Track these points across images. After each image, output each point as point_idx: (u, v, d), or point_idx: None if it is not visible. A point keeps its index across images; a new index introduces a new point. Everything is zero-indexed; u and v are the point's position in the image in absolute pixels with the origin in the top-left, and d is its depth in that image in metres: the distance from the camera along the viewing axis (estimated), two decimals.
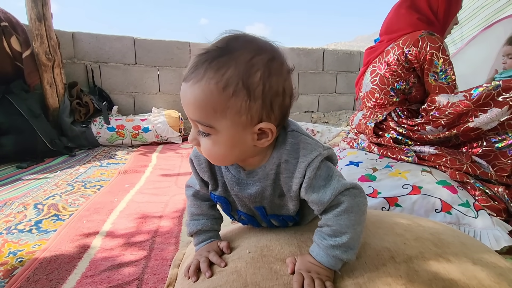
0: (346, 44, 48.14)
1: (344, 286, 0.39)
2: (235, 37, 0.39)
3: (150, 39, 2.59)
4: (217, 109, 0.37)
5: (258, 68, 0.37)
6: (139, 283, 0.66)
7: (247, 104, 0.37)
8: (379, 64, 1.18)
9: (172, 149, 2.06)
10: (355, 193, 0.41)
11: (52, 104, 2.03)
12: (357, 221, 0.40)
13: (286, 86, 0.40)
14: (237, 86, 0.36)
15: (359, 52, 3.49)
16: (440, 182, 0.91)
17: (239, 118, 0.38)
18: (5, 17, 1.84)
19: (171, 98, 2.73)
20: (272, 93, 0.38)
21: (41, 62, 1.95)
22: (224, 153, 0.40)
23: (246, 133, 0.39)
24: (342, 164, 1.16)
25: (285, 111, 0.41)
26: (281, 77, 0.39)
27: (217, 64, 0.36)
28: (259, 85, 0.37)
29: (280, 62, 0.39)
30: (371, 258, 0.43)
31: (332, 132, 2.17)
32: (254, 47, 0.38)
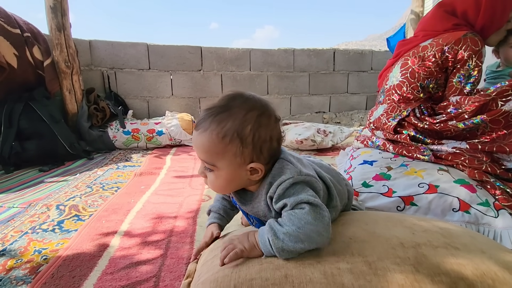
0: (358, 43, 47.60)
1: (354, 262, 0.41)
2: (234, 97, 0.51)
3: (163, 45, 2.66)
4: (218, 152, 0.49)
5: (249, 123, 0.48)
6: (156, 280, 0.68)
7: (241, 149, 0.48)
8: (412, 58, 1.16)
9: (185, 152, 2.10)
10: (318, 207, 0.46)
11: (71, 109, 2.12)
12: (302, 227, 0.44)
13: (273, 134, 0.51)
14: (233, 136, 0.48)
15: (370, 52, 3.45)
16: (458, 181, 0.89)
17: (234, 159, 0.49)
18: (27, 28, 1.94)
19: (183, 102, 2.79)
20: (261, 140, 0.49)
21: (60, 69, 2.04)
22: (224, 185, 0.52)
23: (241, 170, 0.50)
24: (356, 163, 1.15)
25: (273, 152, 0.52)
26: (268, 128, 0.50)
27: (218, 119, 0.48)
28: (249, 135, 0.48)
29: (267, 115, 0.51)
30: (380, 242, 0.45)
31: (344, 132, 2.15)
32: (248, 105, 0.50)
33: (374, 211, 0.65)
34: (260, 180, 0.53)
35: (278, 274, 0.41)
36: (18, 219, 1.01)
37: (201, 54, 2.78)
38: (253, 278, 0.41)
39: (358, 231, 0.49)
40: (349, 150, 1.50)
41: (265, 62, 3.02)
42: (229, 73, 2.91)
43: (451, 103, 1.04)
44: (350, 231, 0.50)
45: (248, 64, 2.97)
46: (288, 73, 3.13)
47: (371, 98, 3.54)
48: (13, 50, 1.81)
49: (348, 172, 1.12)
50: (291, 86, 3.18)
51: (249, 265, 0.44)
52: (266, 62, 3.02)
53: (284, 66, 3.10)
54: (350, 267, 0.40)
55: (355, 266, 0.40)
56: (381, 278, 0.38)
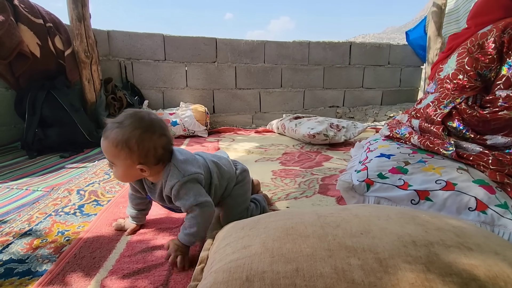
0: (375, 36, 46.09)
1: (365, 258, 0.42)
2: (130, 116, 0.69)
3: (178, 36, 2.68)
4: (113, 155, 0.69)
5: (134, 137, 0.67)
6: (170, 266, 0.71)
7: (129, 155, 0.68)
8: (470, 46, 1.11)
9: (198, 142, 2.13)
10: (204, 205, 0.71)
11: (90, 98, 2.18)
12: (201, 222, 0.71)
13: (157, 145, 0.70)
14: (123, 145, 0.67)
15: (388, 45, 3.35)
16: (477, 181, 0.87)
17: (125, 161, 0.69)
18: (49, 18, 1.99)
19: (197, 93, 2.82)
20: (145, 150, 0.69)
21: (80, 59, 2.10)
22: (122, 177, 0.74)
23: (132, 169, 0.71)
24: (373, 155, 1.14)
25: (160, 157, 0.72)
26: (151, 141, 0.69)
27: (115, 132, 0.67)
28: (134, 145, 0.67)
29: (151, 132, 0.69)
30: (392, 239, 0.45)
31: (357, 128, 2.12)
32: (136, 124, 0.68)
33: (387, 206, 0.65)
34: (158, 174, 0.74)
35: (290, 268, 0.42)
36: (42, 202, 1.07)
37: (216, 45, 2.78)
38: (265, 271, 0.42)
39: (370, 226, 0.49)
40: (365, 143, 1.49)
41: (280, 55, 2.99)
42: (243, 65, 2.90)
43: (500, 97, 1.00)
44: (362, 225, 0.50)
45: (263, 57, 2.95)
46: (302, 66, 3.10)
47: (387, 93, 3.46)
48: (36, 39, 1.87)
49: (364, 163, 1.11)
50: (305, 80, 3.15)
51: (261, 257, 0.45)
52: (281, 54, 3.00)
53: (298, 59, 3.06)
54: (361, 263, 0.41)
55: (366, 262, 0.41)
56: (391, 276, 0.39)
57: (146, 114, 0.71)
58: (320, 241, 0.46)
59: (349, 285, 0.38)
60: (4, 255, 0.75)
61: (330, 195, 1.14)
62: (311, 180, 1.32)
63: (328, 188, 1.22)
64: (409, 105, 3.37)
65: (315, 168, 1.51)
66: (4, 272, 0.68)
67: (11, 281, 0.66)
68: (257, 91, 3.02)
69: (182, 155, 0.76)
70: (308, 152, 1.84)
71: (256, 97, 3.03)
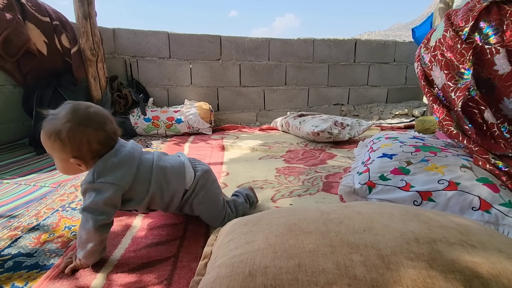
0: (381, 33, 45.52)
1: (367, 254, 0.42)
2: (65, 108, 0.66)
3: (183, 34, 2.68)
4: (48, 147, 0.67)
5: (66, 130, 0.64)
6: (175, 260, 0.72)
7: (62, 148, 0.66)
8: None
9: (203, 140, 2.15)
10: (86, 219, 0.66)
11: (96, 96, 2.20)
12: (80, 234, 0.67)
13: (91, 139, 0.67)
14: (55, 138, 0.65)
15: (394, 43, 3.32)
16: (481, 179, 0.86)
17: (59, 154, 0.67)
18: (56, 16, 2.01)
19: (202, 91, 2.82)
20: (77, 144, 0.66)
21: (86, 57, 2.12)
22: (62, 170, 0.71)
23: (68, 163, 0.68)
24: (375, 156, 1.14)
25: (96, 152, 0.69)
26: (84, 134, 0.66)
27: (49, 124, 0.66)
28: (65, 138, 0.65)
29: (84, 125, 0.66)
30: (395, 236, 0.45)
31: (362, 126, 2.11)
32: (69, 117, 0.65)
33: (390, 203, 0.65)
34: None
35: (292, 263, 0.43)
36: (49, 197, 1.09)
37: (220, 43, 2.78)
38: (267, 266, 0.43)
39: (373, 223, 0.49)
40: (369, 142, 1.48)
41: (284, 52, 2.98)
42: (248, 63, 2.90)
43: None
44: (365, 222, 0.50)
45: (267, 54, 2.94)
46: (307, 64, 3.09)
47: (392, 91, 3.43)
48: (43, 37, 1.90)
49: (366, 164, 1.11)
50: (310, 77, 3.13)
51: (264, 252, 0.46)
52: (285, 52, 2.99)
53: (303, 57, 3.05)
54: (363, 259, 0.41)
55: (368, 258, 0.41)
56: (393, 272, 0.39)
57: (83, 107, 0.68)
58: (322, 238, 0.47)
59: (351, 280, 0.38)
60: (13, 249, 0.77)
61: (334, 193, 1.14)
62: (314, 178, 1.32)
63: (332, 185, 1.22)
64: (414, 103, 3.34)
65: (319, 166, 1.51)
66: (13, 265, 0.70)
67: (20, 274, 0.67)
68: (261, 89, 3.02)
69: (117, 157, 0.70)
70: (312, 150, 1.84)
71: (261, 95, 3.03)
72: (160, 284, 0.64)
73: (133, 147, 0.76)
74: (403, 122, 2.88)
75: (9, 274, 0.67)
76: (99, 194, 0.66)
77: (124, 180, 0.69)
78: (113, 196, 0.68)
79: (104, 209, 0.67)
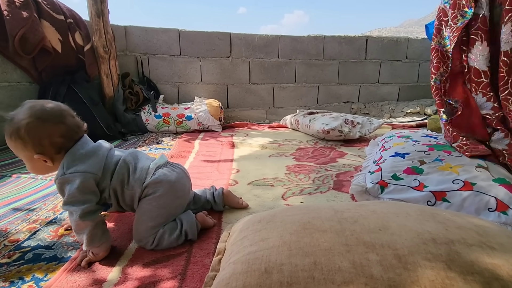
0: (392, 29, 44.61)
1: (384, 254, 0.42)
2: (23, 106, 0.68)
3: (193, 31, 2.70)
4: (12, 147, 0.68)
5: (22, 127, 0.65)
6: (188, 256, 0.73)
7: (24, 146, 0.67)
8: None
9: (212, 137, 2.16)
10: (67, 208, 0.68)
11: (108, 93, 2.24)
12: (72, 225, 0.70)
13: (53, 133, 0.68)
14: (15, 136, 0.66)
15: (406, 39, 3.25)
16: (498, 180, 0.85)
17: (23, 152, 0.68)
18: (70, 14, 2.05)
19: (212, 88, 2.84)
20: (37, 139, 0.66)
21: (99, 54, 2.15)
22: (32, 170, 0.72)
23: (34, 161, 0.69)
24: (387, 155, 1.13)
25: (60, 147, 0.70)
26: (43, 129, 0.67)
27: (8, 124, 0.67)
28: (25, 136, 0.66)
29: (42, 120, 0.67)
30: (411, 236, 0.45)
31: (373, 124, 2.09)
32: (25, 114, 0.66)
33: (405, 203, 0.64)
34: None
35: (307, 261, 0.43)
36: None
37: (230, 40, 2.78)
38: (283, 263, 0.43)
39: (389, 223, 0.49)
40: (380, 141, 1.46)
41: (294, 50, 2.96)
42: (257, 60, 2.90)
43: None
44: (380, 222, 0.50)
45: (277, 51, 2.93)
46: (317, 61, 3.06)
47: (403, 89, 3.38)
48: (57, 35, 1.93)
49: (378, 163, 1.10)
50: (320, 75, 3.11)
51: (279, 250, 0.46)
52: (295, 49, 2.97)
53: (313, 54, 3.02)
54: (380, 259, 0.41)
55: (384, 258, 0.41)
56: (411, 272, 0.39)
57: (39, 104, 0.69)
58: (337, 236, 0.47)
59: (368, 280, 0.38)
60: (32, 241, 0.79)
61: (345, 192, 1.14)
62: (325, 176, 1.31)
63: (343, 184, 1.21)
64: (427, 101, 3.28)
65: (329, 164, 1.50)
66: (32, 257, 0.72)
67: (39, 265, 0.70)
68: (270, 86, 3.01)
69: (84, 149, 0.71)
70: (322, 148, 1.83)
71: (270, 92, 3.03)
72: (174, 278, 0.65)
73: (100, 143, 0.78)
74: (415, 120, 2.83)
75: (29, 265, 0.70)
76: (73, 185, 0.67)
77: (95, 167, 0.71)
78: (87, 183, 0.69)
79: (83, 198, 0.68)
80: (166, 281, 0.64)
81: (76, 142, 0.72)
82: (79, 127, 0.74)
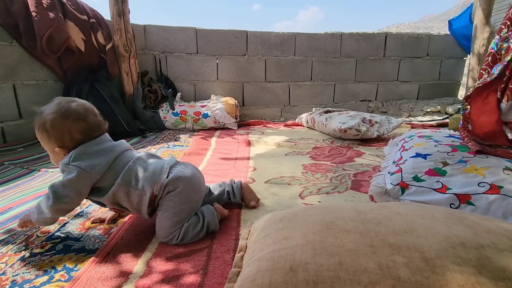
0: (411, 25, 43.08)
1: (411, 257, 0.41)
2: (52, 102, 0.74)
3: (210, 29, 2.72)
4: (39, 139, 0.76)
5: (48, 122, 0.72)
6: (209, 251, 0.75)
7: (48, 138, 0.74)
8: None
9: (229, 135, 2.18)
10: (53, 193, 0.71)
11: (128, 91, 2.30)
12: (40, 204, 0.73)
13: (72, 129, 0.73)
14: (42, 129, 0.73)
15: (427, 36, 3.15)
16: None
17: (47, 144, 0.75)
18: (93, 14, 2.12)
19: (228, 86, 2.86)
20: (59, 133, 0.73)
21: (120, 53, 2.21)
22: (53, 160, 0.78)
23: (55, 152, 0.75)
24: (407, 155, 1.10)
25: (78, 142, 0.74)
26: (64, 125, 0.73)
27: (37, 118, 0.74)
28: (50, 130, 0.73)
29: (65, 117, 0.73)
30: (439, 239, 0.44)
31: (392, 123, 2.04)
32: (52, 110, 0.73)
33: (430, 205, 0.63)
34: None
35: (332, 261, 0.43)
36: None
37: (246, 38, 2.79)
38: (308, 262, 0.43)
39: (414, 225, 0.48)
40: (399, 141, 1.43)
41: (311, 47, 2.94)
42: (273, 58, 2.89)
43: None
44: (405, 224, 0.49)
45: (293, 49, 2.91)
46: (333, 59, 3.02)
47: (424, 87, 3.28)
48: (81, 35, 2.00)
49: (398, 164, 1.08)
50: (336, 72, 3.06)
51: (303, 249, 0.47)
52: (312, 46, 2.94)
53: (330, 51, 2.98)
54: (407, 261, 0.41)
55: (411, 260, 0.41)
56: (439, 276, 0.39)
57: (65, 101, 0.75)
58: (362, 237, 0.47)
59: (395, 282, 0.38)
60: (61, 233, 0.83)
61: (363, 192, 1.13)
62: (343, 176, 1.30)
63: (361, 184, 1.20)
64: (448, 99, 3.17)
65: (346, 163, 1.48)
66: (63, 248, 0.76)
67: (70, 256, 0.73)
68: (286, 84, 3.00)
69: (97, 146, 0.75)
70: (339, 147, 1.81)
71: (286, 90, 3.01)
72: (196, 273, 0.67)
73: (118, 144, 0.80)
74: (435, 119, 2.75)
75: (60, 256, 0.73)
76: (69, 175, 0.71)
77: (96, 169, 0.73)
78: (81, 179, 0.71)
79: (68, 193, 0.71)
80: (189, 275, 0.66)
81: (94, 139, 0.76)
82: (99, 126, 0.78)
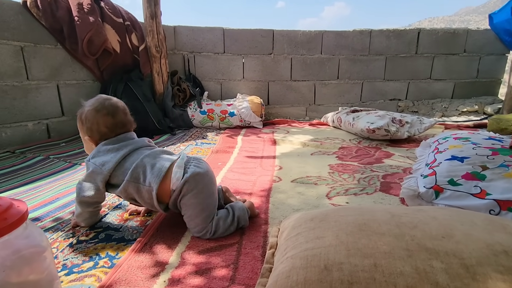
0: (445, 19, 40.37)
1: (449, 262, 0.41)
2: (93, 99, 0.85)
3: (237, 29, 2.76)
4: (78, 126, 0.87)
5: (84, 113, 0.84)
6: (239, 247, 0.77)
7: (82, 127, 0.85)
8: None
9: (254, 133, 2.21)
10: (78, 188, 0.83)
11: (159, 90, 2.40)
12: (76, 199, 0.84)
13: (100, 122, 0.83)
14: (79, 118, 0.85)
15: (465, 31, 2.97)
16: None
17: (82, 133, 0.86)
18: (128, 17, 2.23)
19: (253, 85, 2.88)
20: (89, 124, 0.83)
21: (152, 54, 2.31)
22: (85, 148, 0.90)
23: (86, 140, 0.86)
24: (442, 158, 1.06)
25: (103, 134, 0.84)
26: (94, 118, 0.82)
27: (80, 109, 0.85)
28: (84, 120, 0.84)
29: (96, 111, 0.82)
30: (479, 246, 0.43)
31: (424, 124, 1.96)
32: (90, 104, 0.83)
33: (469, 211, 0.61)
34: None
35: (367, 262, 0.43)
36: None
37: (272, 37, 2.79)
38: (342, 263, 0.44)
39: (453, 231, 0.47)
40: (433, 142, 1.38)
41: (338, 45, 2.88)
42: (299, 56, 2.87)
43: None
44: (442, 228, 0.49)
45: (320, 47, 2.87)
46: (362, 57, 2.94)
47: (460, 86, 3.09)
48: (117, 37, 2.12)
49: (432, 166, 1.04)
50: (364, 71, 2.98)
51: (337, 249, 0.47)
52: (339, 44, 2.88)
53: (358, 49, 2.91)
54: (445, 267, 0.40)
55: (450, 266, 0.40)
56: (480, 284, 0.38)
57: (102, 97, 0.85)
58: (397, 240, 0.47)
59: (433, 287, 0.38)
60: (103, 223, 0.90)
61: (393, 194, 1.10)
62: (371, 177, 1.28)
63: (391, 186, 1.17)
64: (487, 99, 2.97)
65: (375, 164, 1.45)
66: (105, 237, 0.82)
67: (111, 245, 0.79)
68: (312, 83, 2.97)
69: (114, 144, 0.83)
70: (367, 148, 1.77)
71: (311, 89, 2.99)
72: (227, 267, 0.69)
73: (134, 141, 0.86)
74: (472, 120, 2.59)
75: (103, 244, 0.80)
76: (87, 170, 0.82)
77: (106, 166, 0.80)
78: (94, 175, 0.81)
79: (88, 187, 0.81)
80: (221, 269, 0.69)
81: (117, 135, 0.84)
82: (125, 124, 0.86)
